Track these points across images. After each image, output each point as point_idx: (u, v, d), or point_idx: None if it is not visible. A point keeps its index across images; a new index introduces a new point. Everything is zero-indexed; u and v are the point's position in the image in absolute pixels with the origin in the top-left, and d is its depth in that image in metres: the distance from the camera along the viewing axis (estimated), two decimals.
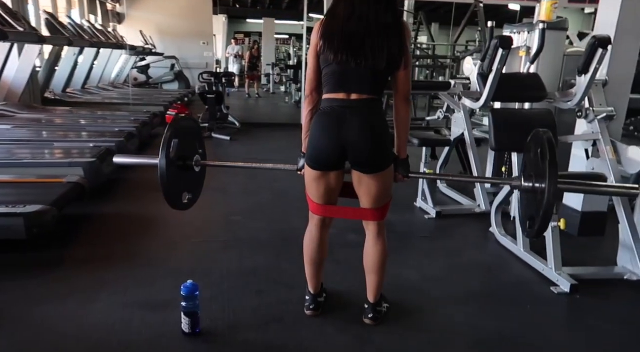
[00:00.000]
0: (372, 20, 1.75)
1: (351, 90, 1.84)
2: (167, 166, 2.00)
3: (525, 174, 1.97)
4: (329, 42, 1.79)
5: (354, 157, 1.85)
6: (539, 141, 1.87)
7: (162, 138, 2.01)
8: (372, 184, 1.90)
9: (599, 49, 2.65)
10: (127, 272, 2.55)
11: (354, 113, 1.82)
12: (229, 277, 2.54)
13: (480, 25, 6.48)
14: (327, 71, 1.86)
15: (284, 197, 4.01)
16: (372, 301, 2.12)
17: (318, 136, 1.86)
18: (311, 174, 1.94)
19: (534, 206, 1.89)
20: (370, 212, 1.98)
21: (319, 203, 1.99)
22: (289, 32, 19.87)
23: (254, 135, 6.89)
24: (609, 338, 2.16)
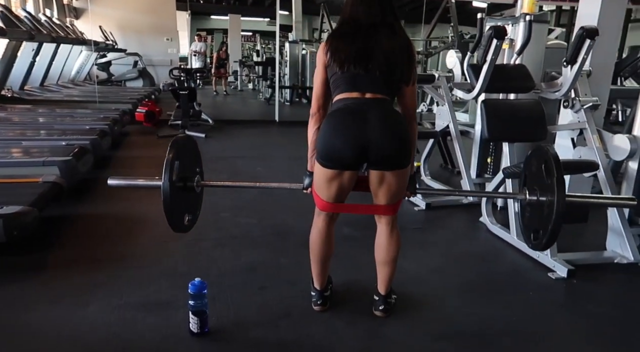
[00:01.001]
0: (381, 41, 1.78)
1: (365, 90, 1.80)
2: (171, 189, 1.91)
3: (528, 187, 2.00)
4: (337, 57, 1.79)
5: (377, 155, 1.75)
6: (544, 157, 1.92)
7: (165, 159, 1.90)
8: (394, 181, 1.83)
9: (587, 39, 2.72)
10: (120, 273, 2.42)
11: (373, 110, 1.77)
12: (228, 275, 2.45)
13: (453, 21, 6.58)
14: (337, 77, 1.83)
15: (270, 194, 3.92)
16: (383, 293, 2.09)
17: (334, 134, 1.77)
18: (324, 173, 1.84)
19: (539, 219, 1.94)
20: (385, 207, 1.93)
21: (328, 201, 1.92)
22: (253, 29, 19.67)
23: (228, 133, 6.74)
24: (610, 321, 2.21)
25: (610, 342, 2.05)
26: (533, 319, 2.18)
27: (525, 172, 2.16)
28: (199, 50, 12.70)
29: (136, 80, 11.99)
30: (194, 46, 13.00)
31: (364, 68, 1.78)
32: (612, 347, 2.02)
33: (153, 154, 5.26)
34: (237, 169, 4.71)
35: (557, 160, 1.85)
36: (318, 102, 1.92)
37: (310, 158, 1.97)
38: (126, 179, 2.25)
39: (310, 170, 1.99)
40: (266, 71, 11.74)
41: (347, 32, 1.84)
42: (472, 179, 3.79)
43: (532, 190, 1.99)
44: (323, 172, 1.84)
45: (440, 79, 4.00)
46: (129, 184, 2.27)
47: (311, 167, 1.98)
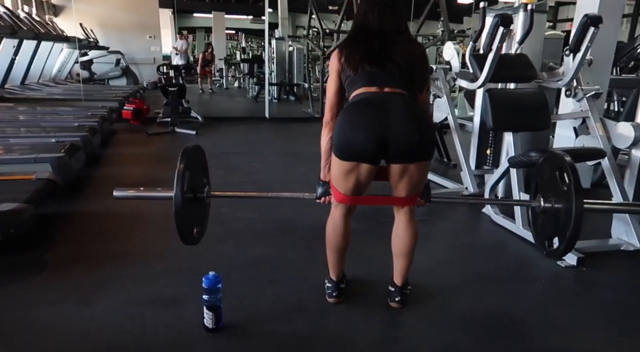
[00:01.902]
0: (397, 45, 1.78)
1: (384, 85, 1.75)
2: (183, 201, 1.84)
3: (542, 194, 1.98)
4: (352, 58, 1.78)
5: (400, 147, 1.68)
6: (558, 163, 1.91)
7: (176, 170, 1.83)
8: (417, 174, 1.77)
9: (591, 27, 2.72)
10: (123, 270, 2.33)
11: (393, 101, 1.72)
12: (236, 270, 2.38)
13: (443, 15, 6.58)
14: (352, 78, 1.79)
15: (269, 189, 3.86)
16: (399, 284, 2.04)
17: (351, 125, 1.70)
18: (341, 166, 1.77)
19: (554, 226, 1.93)
20: (404, 199, 1.88)
21: (346, 194, 1.86)
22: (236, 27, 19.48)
23: (219, 130, 6.64)
24: (625, 308, 2.20)
25: (627, 328, 2.04)
26: (548, 307, 2.16)
27: (536, 179, 2.16)
28: (180, 48, 12.49)
29: (119, 78, 11.77)
30: (176, 44, 12.79)
31: (381, 67, 1.75)
32: (629, 332, 2.01)
33: (144, 152, 5.16)
34: (232, 165, 4.63)
35: (573, 167, 1.85)
36: (332, 110, 1.87)
37: (323, 167, 1.95)
38: (133, 191, 2.16)
39: (324, 179, 1.98)
40: (252, 69, 11.64)
41: (361, 38, 1.84)
42: (472, 171, 3.78)
43: (546, 197, 1.99)
44: (340, 164, 1.78)
45: (438, 70, 3.99)
46: (137, 196, 2.18)
47: (324, 176, 1.97)
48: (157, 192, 2.10)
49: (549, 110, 2.97)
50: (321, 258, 2.51)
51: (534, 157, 2.58)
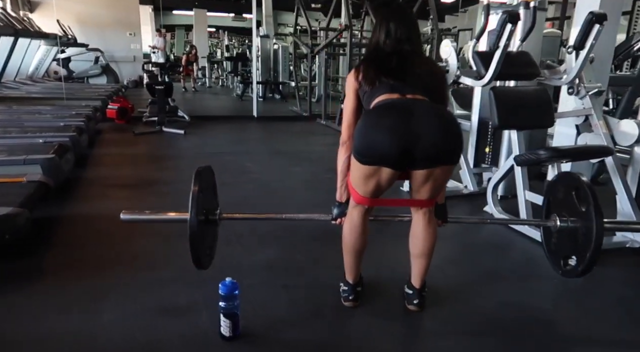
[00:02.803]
0: (415, 62, 1.80)
1: (405, 93, 1.71)
2: (198, 225, 1.80)
3: (557, 214, 1.98)
4: (371, 73, 1.77)
5: (428, 151, 1.60)
6: (574, 183, 1.92)
7: (191, 193, 1.81)
8: (442, 177, 1.72)
9: (596, 24, 2.72)
10: (127, 277, 2.23)
11: (419, 104, 1.67)
12: (245, 274, 2.30)
13: (432, 14, 6.58)
14: (370, 91, 1.76)
15: (268, 189, 3.78)
16: (418, 286, 2.00)
17: (374, 127, 1.63)
18: (361, 170, 1.71)
19: (571, 246, 1.93)
20: (426, 201, 1.83)
21: (365, 197, 1.81)
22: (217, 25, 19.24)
23: (207, 129, 6.51)
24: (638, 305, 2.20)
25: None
26: (565, 306, 2.15)
27: (548, 197, 2.16)
28: (158, 45, 12.20)
29: (99, 77, 11.47)
30: (155, 42, 12.48)
31: (400, 79, 1.74)
32: None
33: (132, 152, 5.01)
34: (225, 165, 4.52)
35: (592, 187, 1.85)
36: (349, 130, 1.85)
37: (339, 187, 1.93)
38: (142, 214, 2.08)
39: (340, 200, 1.96)
40: (236, 67, 11.51)
41: (378, 55, 1.84)
42: (471, 169, 3.77)
43: (561, 216, 1.98)
44: (360, 168, 1.72)
45: None
46: (147, 219, 2.12)
47: (340, 197, 1.95)
48: (169, 216, 2.06)
49: (553, 108, 2.96)
50: (331, 259, 2.47)
51: (543, 156, 2.56)
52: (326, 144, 5.99)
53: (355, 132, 1.71)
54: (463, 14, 14.23)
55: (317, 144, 5.92)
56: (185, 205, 3.14)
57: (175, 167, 4.36)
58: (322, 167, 4.58)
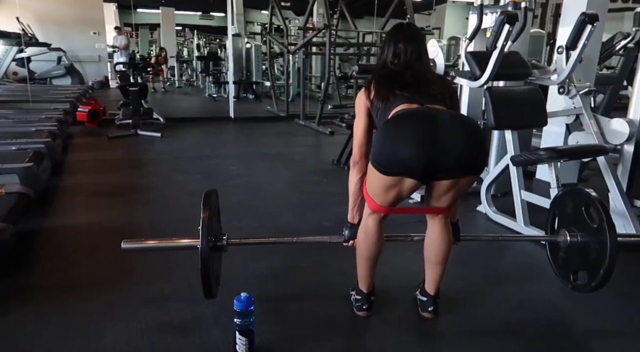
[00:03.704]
0: (426, 75, 1.80)
1: (424, 102, 1.68)
2: (209, 252, 1.72)
3: (566, 229, 2.00)
4: (383, 88, 1.76)
5: (454, 161, 1.55)
6: (584, 199, 1.96)
7: (201, 219, 1.72)
8: (465, 186, 1.68)
9: (588, 25, 2.75)
10: (125, 292, 2.10)
11: (442, 113, 1.62)
12: (250, 285, 2.21)
13: (409, 12, 6.60)
14: (385, 105, 1.73)
15: (259, 194, 3.68)
16: (432, 293, 1.95)
17: (398, 136, 1.57)
18: (383, 180, 1.64)
19: (581, 261, 1.95)
20: (444, 208, 1.80)
21: (383, 206, 1.76)
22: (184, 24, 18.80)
23: (184, 131, 6.32)
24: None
25: None
26: (574, 307, 2.14)
27: (554, 211, 2.17)
28: (117, 44, 11.73)
29: (63, 78, 10.99)
30: (114, 40, 11.98)
31: (415, 91, 1.71)
32: None
33: (109, 157, 4.80)
34: (210, 169, 4.39)
35: (602, 203, 1.87)
36: (361, 150, 1.84)
37: (351, 209, 1.90)
38: (145, 243, 1.98)
39: (352, 222, 1.92)
40: (208, 66, 11.27)
41: (389, 73, 1.82)
42: None
43: (570, 231, 1.99)
44: (380, 178, 1.65)
45: None
46: (151, 248, 2.01)
47: (352, 218, 1.92)
48: (176, 243, 1.95)
49: (546, 108, 2.99)
50: (337, 265, 2.42)
51: (544, 156, 2.58)
52: (308, 145, 5.92)
53: (375, 142, 1.65)
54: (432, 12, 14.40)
55: (299, 145, 5.84)
56: (179, 216, 3.07)
57: (157, 173, 4.20)
58: (308, 168, 4.51)
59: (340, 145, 4.73)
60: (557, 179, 2.71)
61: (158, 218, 3.08)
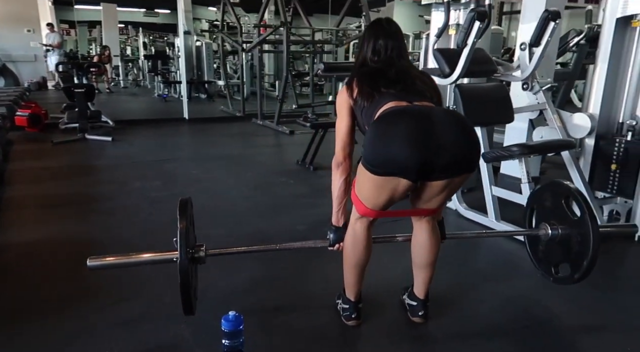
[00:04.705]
0: (409, 71, 1.76)
1: (412, 100, 1.63)
2: (189, 266, 1.61)
3: (546, 222, 2.01)
4: (367, 86, 1.70)
5: (450, 160, 1.50)
6: (565, 192, 1.99)
7: (178, 230, 1.60)
8: (458, 186, 1.65)
9: (551, 22, 2.80)
10: (93, 316, 1.92)
11: (435, 111, 1.57)
12: (231, 298, 2.09)
13: (365, 10, 6.59)
14: (371, 103, 1.67)
15: (225, 199, 3.52)
16: (422, 297, 1.91)
17: (392, 135, 1.50)
18: (375, 181, 1.57)
19: (562, 254, 1.97)
20: (433, 210, 1.76)
21: (373, 210, 1.69)
22: (126, 21, 18.02)
23: (136, 134, 6.01)
24: (630, 290, 2.29)
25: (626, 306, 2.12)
26: (557, 301, 2.16)
27: (532, 206, 2.19)
28: (53, 42, 11.00)
29: None
30: (46, 39, 11.21)
31: (401, 87, 1.67)
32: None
33: (55, 164, 4.47)
34: (168, 174, 4.17)
35: (583, 195, 1.89)
36: (344, 151, 1.76)
37: (336, 212, 1.82)
38: (114, 259, 1.79)
39: (337, 224, 1.84)
40: (156, 66, 10.83)
41: (370, 70, 1.77)
42: None
43: (551, 224, 2.01)
44: (372, 180, 1.58)
45: None
46: (121, 264, 1.83)
47: (337, 221, 1.84)
48: (150, 257, 1.78)
49: (512, 104, 3.03)
50: (318, 272, 2.34)
51: (516, 152, 2.60)
52: (269, 145, 5.78)
53: (367, 142, 1.57)
54: (381, 9, 14.53)
55: (260, 146, 5.68)
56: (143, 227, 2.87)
57: (112, 180, 3.94)
58: (272, 170, 4.39)
59: (302, 145, 4.64)
60: (528, 174, 2.76)
61: (119, 230, 2.88)
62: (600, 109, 2.98)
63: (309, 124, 4.15)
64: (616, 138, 2.92)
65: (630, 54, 2.93)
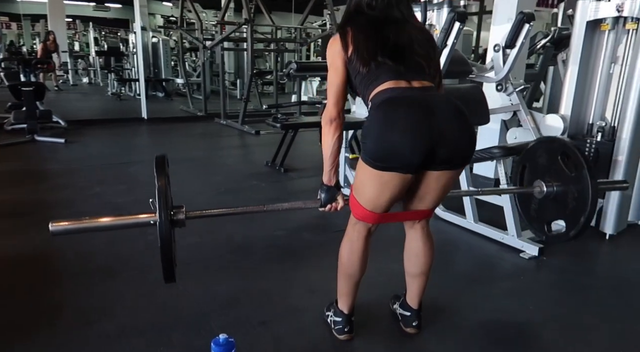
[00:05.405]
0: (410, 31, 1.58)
1: (411, 78, 1.51)
2: (169, 228, 1.46)
3: (543, 180, 1.98)
4: (364, 49, 1.52)
5: (450, 152, 1.46)
6: (560, 148, 1.93)
7: (157, 188, 1.43)
8: (452, 180, 1.59)
9: (526, 24, 2.82)
10: (59, 340, 1.74)
11: (436, 99, 1.49)
12: (211, 314, 1.95)
13: (330, 9, 6.52)
14: (366, 72, 1.53)
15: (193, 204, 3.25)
16: (416, 307, 1.84)
17: (396, 127, 1.43)
18: (378, 178, 1.50)
19: (557, 211, 1.94)
20: (430, 211, 1.70)
21: (375, 212, 1.60)
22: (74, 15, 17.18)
23: (92, 135, 5.68)
24: (608, 291, 2.31)
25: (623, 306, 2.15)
26: (546, 304, 2.16)
27: (524, 164, 2.15)
28: None
29: None
30: None
31: (399, 59, 1.52)
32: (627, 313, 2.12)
33: (4, 169, 4.13)
34: (131, 178, 3.94)
35: (581, 150, 1.85)
36: (337, 105, 1.58)
37: (329, 171, 1.66)
38: (80, 223, 1.56)
39: (329, 184, 1.67)
40: (109, 63, 10.35)
41: (366, 22, 1.58)
42: None
43: (547, 182, 1.97)
44: (376, 177, 1.50)
45: None
46: (88, 228, 1.58)
47: (329, 180, 1.67)
48: (124, 220, 1.57)
49: (487, 105, 3.04)
50: (301, 283, 2.26)
51: (497, 153, 2.59)
52: (235, 146, 5.61)
53: (372, 132, 1.48)
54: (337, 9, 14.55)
55: (226, 147, 5.50)
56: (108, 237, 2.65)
57: (69, 185, 3.67)
58: (241, 173, 4.24)
59: (270, 145, 4.52)
60: (507, 175, 2.77)
61: (81, 241, 2.64)
62: (571, 110, 3.04)
63: (279, 125, 4.02)
64: (587, 139, 2.98)
65: (599, 56, 3.00)
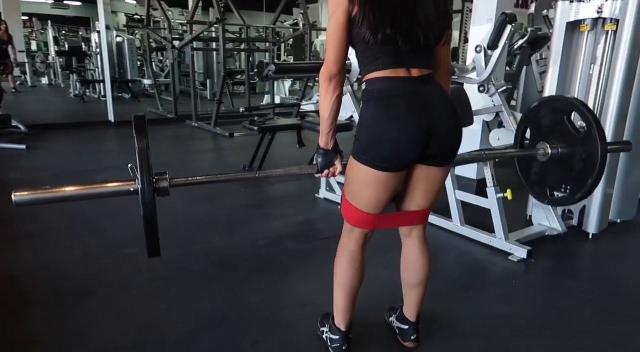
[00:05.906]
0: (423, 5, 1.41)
1: (411, 65, 1.43)
2: (152, 195, 1.37)
3: (547, 142, 1.91)
4: (370, 13, 1.36)
5: (442, 147, 1.44)
6: (568, 107, 1.82)
7: (137, 151, 1.32)
8: (443, 178, 1.56)
9: (509, 25, 2.80)
10: None
11: (432, 92, 1.44)
12: (198, 334, 1.83)
13: (302, 8, 6.42)
14: (367, 47, 1.42)
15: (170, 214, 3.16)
16: (414, 320, 1.78)
17: (394, 124, 1.38)
18: (375, 177, 1.44)
19: (561, 174, 1.85)
20: (424, 213, 1.63)
21: (372, 214, 1.53)
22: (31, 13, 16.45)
23: (56, 141, 5.40)
24: (589, 294, 2.30)
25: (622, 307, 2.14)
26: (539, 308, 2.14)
27: (525, 126, 2.07)
28: None
29: None
30: None
31: (405, 36, 1.39)
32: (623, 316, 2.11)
33: None
34: None
35: (589, 108, 1.77)
36: (339, 62, 1.41)
37: (327, 133, 1.52)
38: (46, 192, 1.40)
39: (326, 147, 1.54)
40: (71, 63, 9.93)
41: None
42: None
43: (550, 144, 1.91)
44: (371, 175, 1.44)
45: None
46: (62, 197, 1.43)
47: (327, 144, 1.54)
48: (101, 188, 1.43)
49: (471, 107, 3.01)
50: (291, 295, 2.17)
51: (486, 156, 2.55)
52: (209, 149, 5.44)
53: (365, 131, 1.43)
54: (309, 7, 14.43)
55: (200, 151, 5.32)
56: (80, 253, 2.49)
57: None
58: None
59: (245, 148, 4.40)
60: (493, 178, 2.73)
61: (51, 257, 2.49)
62: None
63: (257, 128, 3.90)
64: None
65: (578, 57, 3.01)
